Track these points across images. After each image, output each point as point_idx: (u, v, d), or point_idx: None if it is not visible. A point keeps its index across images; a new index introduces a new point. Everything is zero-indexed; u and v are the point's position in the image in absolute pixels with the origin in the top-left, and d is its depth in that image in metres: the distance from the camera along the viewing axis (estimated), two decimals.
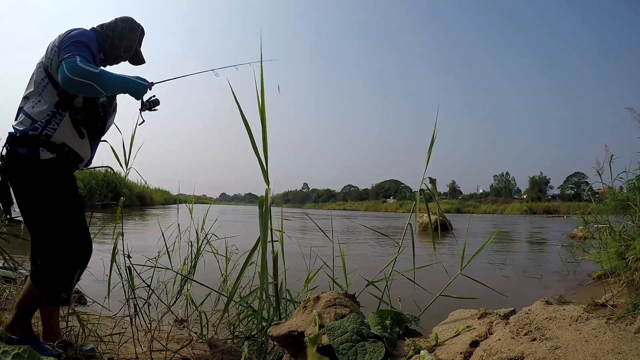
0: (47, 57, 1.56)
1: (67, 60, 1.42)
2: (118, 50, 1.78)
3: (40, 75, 1.57)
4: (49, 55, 1.55)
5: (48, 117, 1.53)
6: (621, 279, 2.97)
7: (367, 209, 53.17)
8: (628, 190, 3.44)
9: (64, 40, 1.52)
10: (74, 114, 1.58)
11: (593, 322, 0.94)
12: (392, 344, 1.11)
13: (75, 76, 1.40)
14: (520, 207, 40.34)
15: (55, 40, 1.56)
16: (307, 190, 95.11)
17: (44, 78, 1.56)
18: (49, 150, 1.53)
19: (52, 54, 1.54)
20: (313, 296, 1.31)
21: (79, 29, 1.60)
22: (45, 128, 1.52)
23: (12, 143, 1.52)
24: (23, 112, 1.56)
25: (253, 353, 1.49)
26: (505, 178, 59.73)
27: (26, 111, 1.55)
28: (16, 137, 1.51)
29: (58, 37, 1.58)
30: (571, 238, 7.96)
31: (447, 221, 9.57)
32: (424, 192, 1.81)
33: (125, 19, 1.79)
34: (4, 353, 0.46)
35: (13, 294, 2.09)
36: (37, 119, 1.53)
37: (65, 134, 1.56)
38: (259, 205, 1.25)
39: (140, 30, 1.84)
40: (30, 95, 1.58)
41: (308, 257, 2.08)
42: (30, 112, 1.54)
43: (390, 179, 75.66)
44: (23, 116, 1.55)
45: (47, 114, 1.53)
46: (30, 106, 1.55)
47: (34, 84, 1.58)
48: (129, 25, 1.78)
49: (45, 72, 1.56)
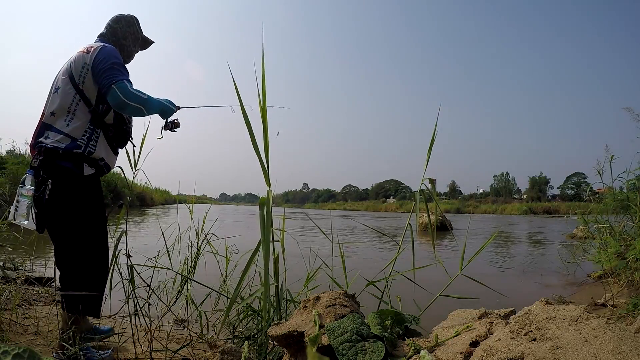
0: (77, 75, 1.61)
1: (118, 85, 1.54)
2: (129, 49, 1.87)
3: (69, 92, 1.61)
4: (80, 73, 1.61)
5: (86, 134, 1.62)
6: (621, 279, 2.97)
7: (367, 209, 53.17)
8: (628, 190, 3.44)
9: (99, 62, 1.60)
10: (106, 130, 1.68)
11: (593, 322, 0.94)
12: (392, 344, 1.11)
13: (130, 101, 1.56)
14: (520, 207, 40.33)
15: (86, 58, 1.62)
16: (307, 190, 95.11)
17: (74, 95, 1.61)
18: (90, 165, 1.64)
19: (84, 72, 1.61)
20: (313, 296, 1.31)
21: (105, 47, 1.67)
22: (87, 146, 1.61)
23: (55, 157, 1.57)
24: (56, 129, 1.60)
25: (253, 353, 1.49)
26: (505, 178, 59.72)
27: (60, 129, 1.60)
28: (59, 153, 1.57)
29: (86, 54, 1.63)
30: (571, 238, 7.96)
31: (447, 221, 9.57)
32: (424, 192, 1.81)
33: (118, 19, 1.83)
34: (4, 353, 0.46)
35: (13, 294, 2.09)
36: (76, 137, 1.60)
37: (103, 150, 1.67)
38: (259, 206, 1.25)
39: (135, 20, 1.89)
40: (60, 112, 1.62)
41: (308, 257, 2.08)
42: (67, 130, 1.59)
43: (390, 179, 75.68)
44: (59, 134, 1.59)
45: (84, 131, 1.61)
46: (65, 124, 1.60)
47: (61, 100, 1.62)
48: (124, 23, 1.84)
49: (76, 89, 1.61)
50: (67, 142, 1.58)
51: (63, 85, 1.63)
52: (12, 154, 10.38)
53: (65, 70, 1.66)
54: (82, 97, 1.62)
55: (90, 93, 1.63)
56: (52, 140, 1.58)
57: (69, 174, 1.58)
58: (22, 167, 8.73)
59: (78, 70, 1.61)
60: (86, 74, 1.61)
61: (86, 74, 1.61)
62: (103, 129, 1.67)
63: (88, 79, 1.61)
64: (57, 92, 1.64)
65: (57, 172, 1.56)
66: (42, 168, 1.56)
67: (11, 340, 1.78)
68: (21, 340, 1.81)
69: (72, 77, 1.62)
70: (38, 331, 1.89)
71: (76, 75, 1.61)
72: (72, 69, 1.63)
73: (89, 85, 1.61)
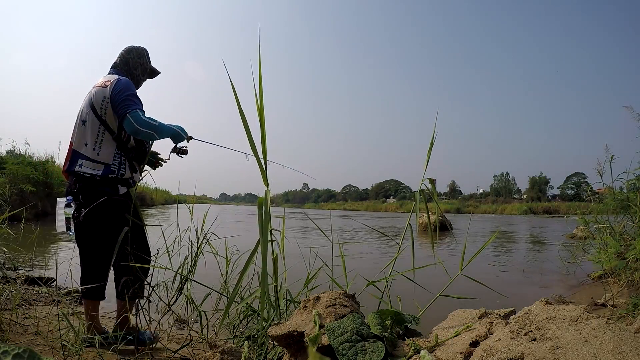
0: (99, 107, 1.85)
1: (132, 114, 1.76)
2: (138, 78, 2.08)
3: (95, 123, 1.86)
4: (102, 106, 1.85)
5: (116, 159, 1.87)
6: (621, 279, 2.97)
7: (367, 209, 53.16)
8: (628, 190, 3.44)
9: (116, 94, 1.82)
10: (129, 153, 1.92)
11: (593, 322, 0.94)
12: (392, 344, 1.11)
13: (143, 127, 1.77)
14: (520, 207, 40.32)
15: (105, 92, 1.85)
16: (307, 191, 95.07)
17: (99, 126, 1.86)
18: (123, 185, 1.90)
19: (104, 104, 1.84)
20: (313, 296, 1.31)
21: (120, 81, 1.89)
22: (119, 169, 1.87)
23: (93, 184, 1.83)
24: (88, 158, 1.84)
25: (253, 353, 1.49)
26: (505, 178, 59.72)
27: (92, 157, 1.84)
28: (97, 180, 1.83)
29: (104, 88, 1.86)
30: (571, 238, 7.96)
31: (447, 221, 9.57)
32: (424, 192, 1.81)
33: (129, 50, 2.06)
34: (4, 353, 0.46)
35: (13, 294, 2.09)
36: (108, 162, 1.85)
37: (130, 171, 1.93)
38: (258, 206, 1.25)
39: (145, 51, 2.11)
40: (89, 141, 1.86)
41: (308, 258, 2.08)
42: (98, 158, 1.84)
43: (390, 179, 75.68)
44: (92, 162, 1.84)
45: (113, 157, 1.86)
46: (95, 153, 1.84)
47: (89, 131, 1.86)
48: (135, 54, 2.06)
49: (100, 120, 1.85)
50: (101, 169, 1.83)
51: (89, 118, 1.87)
52: (12, 154, 10.37)
53: (88, 104, 1.89)
54: (106, 127, 1.86)
55: (112, 122, 1.86)
56: (88, 169, 1.83)
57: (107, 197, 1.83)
58: (22, 167, 8.72)
59: (99, 103, 1.85)
60: (107, 106, 1.84)
61: (107, 106, 1.84)
62: (127, 152, 1.91)
63: (109, 110, 1.84)
64: (85, 125, 1.88)
65: (97, 196, 1.81)
66: (81, 194, 1.82)
67: (11, 340, 1.78)
68: (21, 340, 1.80)
69: (94, 110, 1.86)
70: (38, 331, 1.89)
71: (98, 108, 1.85)
72: (94, 102, 1.87)
73: (110, 115, 1.85)
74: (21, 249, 2.72)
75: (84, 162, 1.83)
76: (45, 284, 2.91)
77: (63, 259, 2.29)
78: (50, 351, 1.66)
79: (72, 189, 1.85)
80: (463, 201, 51.20)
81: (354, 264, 2.68)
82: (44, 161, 10.52)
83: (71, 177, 1.88)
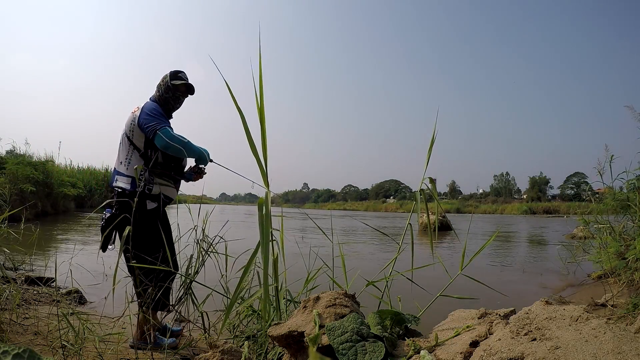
0: (129, 130, 2.06)
1: (162, 131, 1.96)
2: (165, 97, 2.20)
3: (126, 144, 2.07)
4: (131, 128, 2.06)
5: (143, 175, 2.02)
6: (621, 279, 2.97)
7: (367, 209, 53.16)
8: (628, 190, 3.44)
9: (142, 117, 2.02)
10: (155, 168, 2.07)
11: (593, 322, 0.94)
12: (392, 344, 1.11)
13: (172, 142, 1.97)
14: (520, 207, 40.31)
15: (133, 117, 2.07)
16: (307, 191, 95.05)
17: (129, 145, 2.07)
18: (152, 201, 2.05)
19: (132, 127, 2.05)
20: (313, 296, 1.31)
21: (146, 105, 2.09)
22: (146, 185, 2.03)
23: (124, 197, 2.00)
24: (120, 174, 2.06)
25: (253, 353, 1.49)
26: (505, 178, 59.71)
27: (123, 173, 2.05)
28: (126, 194, 2.01)
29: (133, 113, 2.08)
30: (571, 238, 7.96)
31: (447, 221, 9.57)
32: (424, 192, 1.81)
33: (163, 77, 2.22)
34: (4, 353, 0.46)
35: (13, 294, 2.09)
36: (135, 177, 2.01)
37: (158, 188, 2.07)
38: (258, 207, 1.24)
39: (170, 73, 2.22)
40: (122, 159, 2.08)
41: (308, 258, 2.08)
42: (127, 172, 2.04)
43: (390, 179, 75.65)
44: (124, 177, 2.04)
45: (140, 174, 2.01)
46: (125, 167, 2.05)
47: (122, 151, 2.08)
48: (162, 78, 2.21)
49: (129, 141, 2.06)
50: (129, 184, 2.02)
51: (123, 140, 2.10)
52: (12, 154, 10.37)
53: (123, 128, 2.12)
54: (134, 147, 2.06)
55: (139, 142, 2.06)
56: (122, 183, 2.04)
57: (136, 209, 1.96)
58: (22, 167, 8.72)
59: (129, 126, 2.07)
60: (134, 128, 2.06)
61: (134, 128, 2.06)
62: (153, 167, 2.07)
63: (136, 131, 2.06)
64: (120, 146, 2.11)
65: (127, 208, 1.97)
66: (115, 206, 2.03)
67: (11, 340, 1.78)
68: (21, 340, 1.81)
69: (126, 133, 2.08)
70: (38, 331, 1.89)
71: (128, 130, 2.07)
72: (125, 126, 2.10)
73: (137, 135, 2.05)
74: (21, 249, 2.72)
75: (118, 178, 2.06)
76: (45, 284, 2.91)
77: (63, 259, 2.29)
78: (50, 351, 1.66)
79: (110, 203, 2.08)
80: (463, 201, 51.18)
81: (354, 264, 2.68)
82: (44, 161, 10.52)
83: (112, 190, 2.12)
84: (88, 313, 2.26)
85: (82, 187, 12.62)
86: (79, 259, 2.18)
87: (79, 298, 2.86)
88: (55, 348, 1.65)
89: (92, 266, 1.80)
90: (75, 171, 14.01)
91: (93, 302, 2.87)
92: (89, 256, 1.93)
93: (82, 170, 14.69)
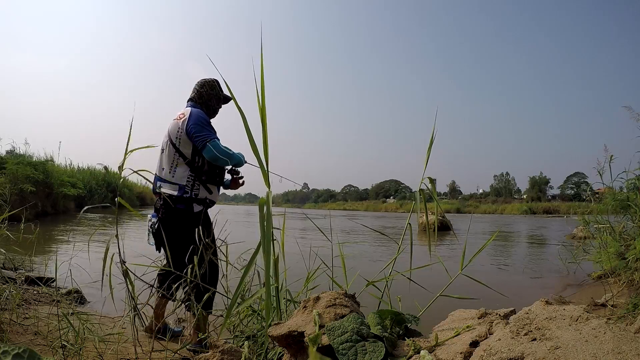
0: (175, 138, 2.13)
1: (212, 144, 2.05)
2: (214, 107, 2.33)
3: (172, 151, 2.14)
4: (177, 136, 2.12)
5: (189, 181, 2.13)
6: (621, 279, 2.97)
7: (367, 209, 53.15)
8: (628, 190, 3.44)
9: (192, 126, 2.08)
10: (201, 176, 2.16)
11: (593, 322, 0.94)
12: (392, 344, 1.11)
13: (221, 155, 2.07)
14: (520, 207, 40.31)
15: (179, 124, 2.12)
16: (307, 191, 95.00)
17: (175, 153, 2.13)
18: (198, 204, 2.15)
19: (179, 134, 2.11)
20: (313, 296, 1.31)
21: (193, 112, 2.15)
22: (192, 190, 2.13)
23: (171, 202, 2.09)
24: (166, 181, 2.13)
25: (253, 353, 1.49)
26: (505, 178, 59.71)
27: (169, 180, 2.13)
28: (173, 199, 2.10)
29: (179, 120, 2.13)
30: (571, 238, 7.96)
31: (447, 221, 9.57)
32: (424, 192, 1.80)
33: (203, 84, 2.30)
34: (4, 353, 0.46)
35: (13, 294, 2.09)
36: (182, 184, 2.11)
37: (204, 192, 2.18)
38: (259, 207, 1.24)
39: (217, 82, 2.34)
40: (167, 167, 2.15)
41: (308, 257, 2.08)
42: (173, 180, 2.12)
43: (390, 179, 75.66)
44: (170, 184, 2.12)
45: (187, 179, 2.12)
46: (171, 175, 2.13)
47: (167, 159, 2.15)
48: (208, 87, 2.29)
49: (175, 149, 2.13)
50: (177, 190, 2.10)
51: (167, 147, 2.16)
52: (12, 154, 10.37)
53: (167, 135, 2.17)
54: (180, 154, 2.12)
55: (186, 150, 2.12)
56: (167, 189, 2.12)
57: (183, 213, 2.11)
58: (22, 167, 8.72)
59: (175, 134, 2.13)
60: (181, 136, 2.11)
61: (181, 135, 2.11)
62: (199, 175, 2.16)
63: (183, 139, 2.11)
64: (163, 153, 2.18)
65: (174, 212, 2.10)
66: (162, 209, 2.11)
67: (11, 340, 1.78)
68: (21, 340, 1.80)
69: (171, 140, 2.14)
70: (38, 331, 1.89)
71: (174, 138, 2.13)
72: (170, 134, 2.15)
73: (184, 144, 2.11)
74: (21, 249, 2.72)
75: (163, 185, 2.14)
76: (45, 284, 2.91)
77: (63, 259, 2.29)
78: (50, 351, 1.66)
79: (156, 206, 2.18)
80: (463, 201, 51.17)
81: (354, 264, 2.69)
82: (44, 161, 10.53)
83: (157, 196, 2.19)
84: (88, 313, 2.26)
85: (82, 187, 12.61)
86: (79, 259, 2.18)
87: (79, 298, 2.86)
88: (55, 348, 1.65)
89: (92, 266, 1.80)
90: (75, 171, 14.02)
91: (93, 302, 2.87)
92: (87, 256, 1.92)
93: (82, 170, 14.69)
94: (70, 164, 14.17)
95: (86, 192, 13.24)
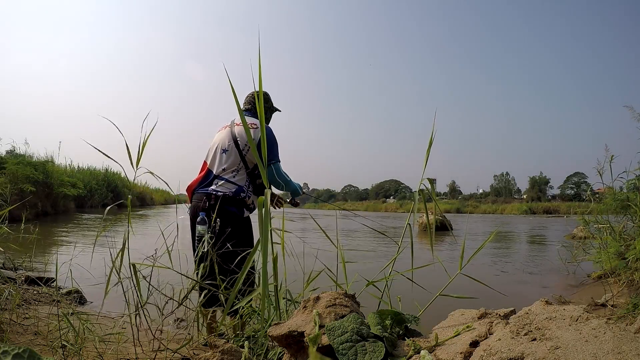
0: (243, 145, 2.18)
1: (275, 166, 2.21)
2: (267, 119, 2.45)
3: (236, 156, 2.19)
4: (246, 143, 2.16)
5: (246, 187, 2.19)
6: (621, 279, 2.97)
7: (367, 209, 53.14)
8: (628, 190, 3.44)
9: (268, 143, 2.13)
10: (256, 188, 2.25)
11: (593, 322, 0.94)
12: (392, 344, 1.11)
13: (279, 178, 2.24)
14: (520, 207, 40.31)
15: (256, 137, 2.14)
16: (307, 190, 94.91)
17: (240, 161, 2.20)
18: (247, 209, 2.22)
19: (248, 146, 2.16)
20: (313, 296, 1.31)
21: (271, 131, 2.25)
22: (247, 195, 2.19)
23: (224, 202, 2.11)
24: (225, 179, 2.17)
25: (253, 353, 1.49)
26: (505, 178, 59.68)
27: (229, 180, 2.17)
28: (228, 197, 2.12)
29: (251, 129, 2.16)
30: (571, 238, 7.96)
31: (446, 221, 9.57)
32: (423, 192, 1.80)
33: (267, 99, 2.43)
34: (4, 353, 0.46)
35: (13, 294, 2.09)
36: (241, 185, 2.17)
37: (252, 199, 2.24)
38: (257, 206, 1.25)
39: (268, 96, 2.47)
40: (228, 168, 2.19)
41: (308, 257, 2.08)
42: (234, 181, 2.17)
43: (390, 179, 75.66)
44: (228, 183, 2.16)
45: (245, 184, 2.19)
46: (232, 176, 2.18)
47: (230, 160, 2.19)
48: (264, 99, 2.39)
49: (241, 156, 2.19)
50: (234, 189, 2.15)
51: (231, 150, 2.21)
52: (12, 154, 10.37)
53: (231, 137, 2.22)
54: (244, 162, 2.20)
55: (250, 161, 2.20)
56: (223, 188, 2.14)
57: (234, 216, 2.13)
58: (22, 167, 8.72)
59: (244, 142, 2.18)
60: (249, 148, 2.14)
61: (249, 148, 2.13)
62: (254, 185, 2.24)
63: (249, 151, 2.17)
64: (225, 154, 2.22)
65: (225, 214, 2.09)
66: (211, 210, 2.06)
67: (11, 340, 1.78)
68: (21, 340, 1.80)
69: (237, 146, 2.19)
70: (38, 331, 1.89)
71: (242, 145, 2.18)
72: (238, 139, 2.20)
73: (251, 155, 2.17)
74: (21, 249, 2.72)
75: (220, 182, 2.16)
76: (45, 284, 2.91)
77: (63, 259, 2.29)
78: (50, 351, 1.66)
79: (203, 206, 2.11)
80: (463, 201, 51.16)
81: (354, 264, 2.68)
82: (43, 161, 10.53)
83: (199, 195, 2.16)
84: (88, 313, 2.26)
85: (82, 187, 12.62)
86: (79, 259, 2.18)
87: (79, 298, 2.86)
88: (55, 348, 1.65)
89: (93, 266, 1.80)
90: (75, 171, 14.04)
91: (93, 302, 2.87)
92: (88, 256, 1.92)
93: (82, 170, 14.71)
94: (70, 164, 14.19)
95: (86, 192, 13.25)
